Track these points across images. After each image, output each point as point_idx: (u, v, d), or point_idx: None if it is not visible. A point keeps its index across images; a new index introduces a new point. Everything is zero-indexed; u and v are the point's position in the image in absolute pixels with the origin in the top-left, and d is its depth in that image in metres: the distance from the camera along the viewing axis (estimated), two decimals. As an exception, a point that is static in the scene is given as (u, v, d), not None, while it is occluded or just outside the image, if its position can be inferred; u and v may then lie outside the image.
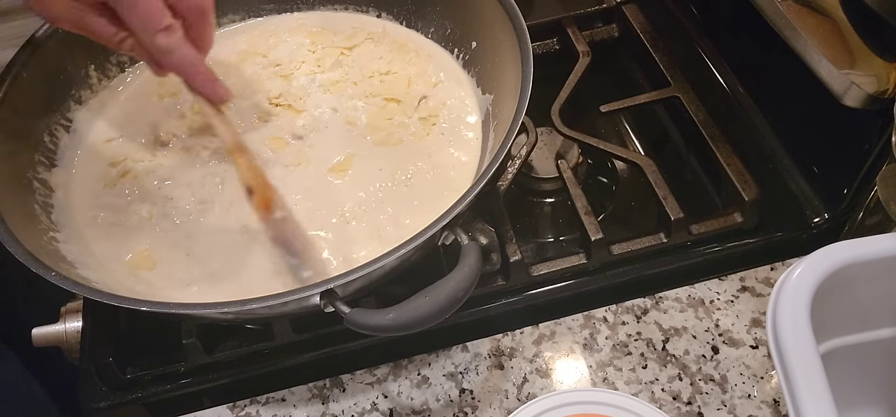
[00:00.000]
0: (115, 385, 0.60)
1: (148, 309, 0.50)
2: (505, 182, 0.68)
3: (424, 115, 0.68)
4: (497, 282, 0.63)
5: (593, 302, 0.62)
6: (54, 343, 0.63)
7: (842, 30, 0.59)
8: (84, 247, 0.60)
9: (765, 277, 0.63)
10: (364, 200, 0.62)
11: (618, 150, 0.71)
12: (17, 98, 0.62)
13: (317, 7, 0.78)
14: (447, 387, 0.58)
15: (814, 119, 0.67)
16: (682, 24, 0.81)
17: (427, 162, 0.64)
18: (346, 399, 0.58)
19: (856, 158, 0.62)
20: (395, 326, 0.47)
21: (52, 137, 0.66)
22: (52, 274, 0.50)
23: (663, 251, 0.65)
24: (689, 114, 0.72)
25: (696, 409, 0.56)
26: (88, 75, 0.70)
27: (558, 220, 0.74)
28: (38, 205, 0.60)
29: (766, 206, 0.65)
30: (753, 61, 0.74)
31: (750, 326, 0.60)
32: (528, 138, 0.70)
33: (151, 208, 0.63)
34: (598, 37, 0.83)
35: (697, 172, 0.74)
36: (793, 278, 0.46)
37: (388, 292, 0.57)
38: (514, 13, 0.62)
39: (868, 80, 0.56)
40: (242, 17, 0.77)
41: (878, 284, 0.48)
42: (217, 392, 0.61)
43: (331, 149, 0.66)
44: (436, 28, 0.73)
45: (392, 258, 0.49)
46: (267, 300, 0.48)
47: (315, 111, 0.69)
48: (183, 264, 0.59)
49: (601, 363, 0.59)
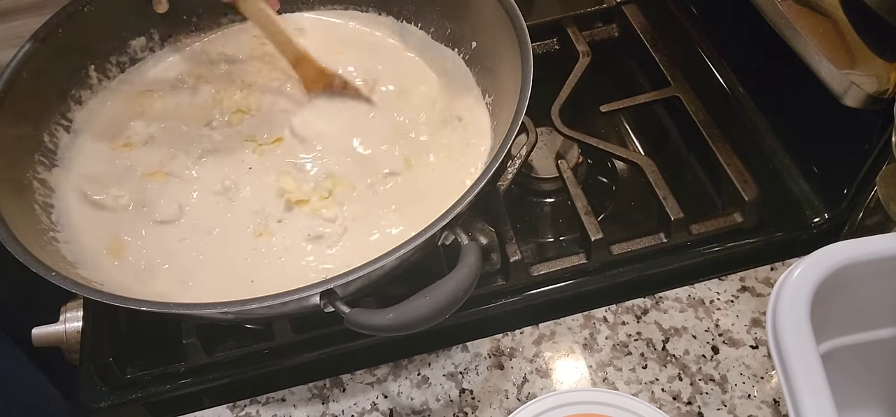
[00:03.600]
0: (115, 385, 0.60)
1: (148, 308, 0.51)
2: (505, 182, 0.68)
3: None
4: (497, 282, 0.63)
5: (593, 302, 0.62)
6: (54, 343, 0.63)
7: (842, 30, 0.59)
8: (84, 247, 0.60)
9: (765, 277, 0.63)
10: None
11: (618, 150, 0.71)
12: (17, 98, 0.62)
13: (317, 7, 0.78)
14: (447, 387, 0.58)
15: (814, 119, 0.67)
16: (682, 24, 0.81)
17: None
18: (346, 399, 0.58)
19: (856, 158, 0.62)
20: (395, 326, 0.47)
21: (52, 137, 0.66)
22: (52, 274, 0.50)
23: (663, 251, 0.65)
24: (689, 114, 0.72)
25: (696, 409, 0.56)
26: (88, 75, 0.70)
27: (558, 220, 0.74)
28: (38, 205, 0.60)
29: (766, 206, 0.65)
30: (753, 61, 0.74)
31: (750, 326, 0.60)
32: (528, 138, 0.70)
33: (136, 202, 0.63)
34: (598, 37, 0.83)
35: (697, 172, 0.74)
36: (793, 278, 0.46)
37: (388, 292, 0.57)
38: (514, 13, 0.62)
39: (868, 80, 0.56)
40: (243, 18, 0.77)
41: (878, 284, 0.48)
42: (217, 392, 0.61)
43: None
44: (436, 28, 0.73)
45: (392, 258, 0.49)
46: (267, 300, 0.48)
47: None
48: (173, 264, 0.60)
49: (601, 363, 0.59)
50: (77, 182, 0.64)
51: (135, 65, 0.73)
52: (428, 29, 0.74)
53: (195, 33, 0.76)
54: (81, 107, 0.69)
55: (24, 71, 0.63)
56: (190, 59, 0.75)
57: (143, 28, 0.73)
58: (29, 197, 0.60)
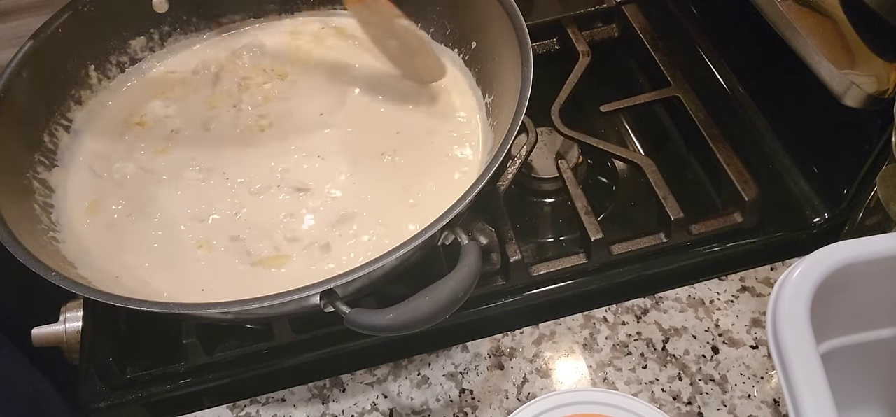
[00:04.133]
0: (115, 385, 0.60)
1: (148, 308, 0.51)
2: (505, 182, 0.68)
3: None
4: (497, 282, 0.63)
5: (593, 302, 0.62)
6: (54, 343, 0.63)
7: (842, 30, 0.59)
8: (83, 247, 0.60)
9: (765, 277, 0.63)
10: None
11: (618, 150, 0.71)
12: (18, 98, 0.62)
13: (317, 8, 0.78)
14: (447, 387, 0.58)
15: (814, 119, 0.67)
16: (682, 24, 0.81)
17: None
18: (346, 399, 0.58)
19: (856, 158, 0.62)
20: (395, 326, 0.47)
21: (52, 137, 0.66)
22: (52, 274, 0.50)
23: (663, 251, 0.65)
24: (689, 114, 0.72)
25: (696, 409, 0.56)
26: (88, 75, 0.70)
27: (558, 220, 0.74)
28: (37, 205, 0.61)
29: (766, 206, 0.65)
30: (753, 61, 0.74)
31: (750, 326, 0.60)
32: (528, 138, 0.70)
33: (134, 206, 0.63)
34: (598, 37, 0.83)
35: (697, 172, 0.74)
36: (793, 278, 0.46)
37: (388, 292, 0.57)
38: (514, 13, 0.62)
39: (868, 80, 0.56)
40: (243, 18, 0.77)
41: (878, 284, 0.48)
42: (217, 392, 0.61)
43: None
44: (436, 28, 0.73)
45: (392, 258, 0.49)
46: (267, 300, 0.48)
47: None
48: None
49: (601, 363, 0.59)
50: (77, 181, 0.64)
51: (135, 65, 0.73)
52: (428, 29, 0.74)
53: (195, 33, 0.76)
54: (81, 107, 0.69)
55: (24, 71, 0.63)
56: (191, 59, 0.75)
57: (143, 28, 0.73)
58: (29, 197, 0.60)
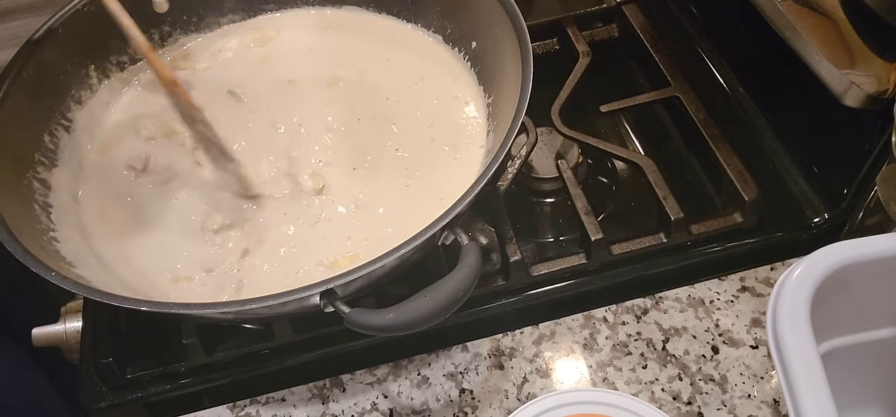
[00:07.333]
0: (115, 385, 0.60)
1: (148, 308, 0.50)
2: (505, 182, 0.68)
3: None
4: (497, 282, 0.63)
5: (593, 302, 0.62)
6: (54, 343, 0.63)
7: (842, 30, 0.59)
8: (83, 247, 0.60)
9: (765, 277, 0.63)
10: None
11: (618, 150, 0.71)
12: (18, 98, 0.62)
13: (316, 5, 0.78)
14: (447, 387, 0.58)
15: (814, 119, 0.67)
16: (682, 24, 0.81)
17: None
18: (346, 399, 0.58)
19: (856, 158, 0.62)
20: (395, 326, 0.47)
21: (52, 137, 0.65)
22: (52, 274, 0.50)
23: (663, 251, 0.65)
24: (689, 114, 0.72)
25: (696, 409, 0.56)
26: (88, 75, 0.70)
27: (558, 220, 0.74)
28: (37, 205, 0.60)
29: (766, 206, 0.65)
30: (753, 61, 0.74)
31: (750, 326, 0.60)
32: (528, 138, 0.70)
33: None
34: (598, 37, 0.83)
35: (697, 172, 0.74)
36: (793, 278, 0.46)
37: (388, 292, 0.57)
38: (514, 13, 0.62)
39: (868, 80, 0.56)
40: (242, 17, 0.77)
41: (878, 284, 0.48)
42: (217, 392, 0.61)
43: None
44: (436, 28, 0.73)
45: (392, 258, 0.49)
46: (267, 300, 0.48)
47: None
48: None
49: (601, 363, 0.59)
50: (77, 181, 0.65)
51: (135, 64, 0.73)
52: (428, 29, 0.74)
53: (195, 33, 0.76)
54: (81, 107, 0.69)
55: (25, 71, 0.63)
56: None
57: (144, 28, 0.72)
58: (29, 197, 0.60)
